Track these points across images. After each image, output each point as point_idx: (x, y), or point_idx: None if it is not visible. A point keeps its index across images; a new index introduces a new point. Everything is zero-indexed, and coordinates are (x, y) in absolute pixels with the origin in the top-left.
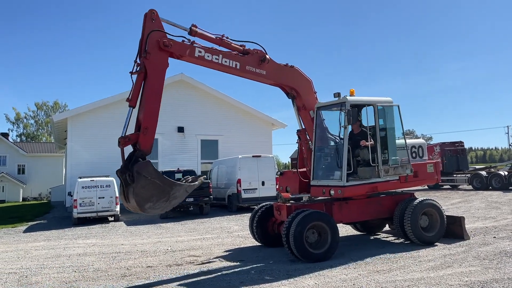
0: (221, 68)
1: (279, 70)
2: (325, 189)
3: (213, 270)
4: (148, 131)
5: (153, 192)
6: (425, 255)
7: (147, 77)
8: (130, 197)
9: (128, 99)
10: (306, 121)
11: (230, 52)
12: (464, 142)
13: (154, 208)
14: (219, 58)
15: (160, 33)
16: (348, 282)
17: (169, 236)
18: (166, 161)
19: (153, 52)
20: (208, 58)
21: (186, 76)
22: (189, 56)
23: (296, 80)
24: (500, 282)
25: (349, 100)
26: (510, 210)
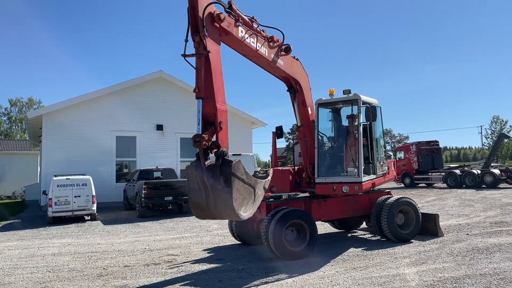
0: (253, 54)
1: (291, 61)
2: (336, 186)
3: (191, 269)
4: (223, 125)
5: (245, 194)
6: (400, 252)
7: (211, 60)
8: (221, 204)
9: (196, 90)
10: (305, 118)
11: (261, 37)
12: (439, 142)
13: (246, 211)
14: (255, 42)
15: (211, 5)
16: (325, 279)
17: (147, 235)
18: (145, 160)
19: (209, 28)
20: (247, 41)
21: (165, 73)
22: (235, 34)
23: (301, 74)
24: (473, 278)
25: (362, 98)
26: (482, 207)
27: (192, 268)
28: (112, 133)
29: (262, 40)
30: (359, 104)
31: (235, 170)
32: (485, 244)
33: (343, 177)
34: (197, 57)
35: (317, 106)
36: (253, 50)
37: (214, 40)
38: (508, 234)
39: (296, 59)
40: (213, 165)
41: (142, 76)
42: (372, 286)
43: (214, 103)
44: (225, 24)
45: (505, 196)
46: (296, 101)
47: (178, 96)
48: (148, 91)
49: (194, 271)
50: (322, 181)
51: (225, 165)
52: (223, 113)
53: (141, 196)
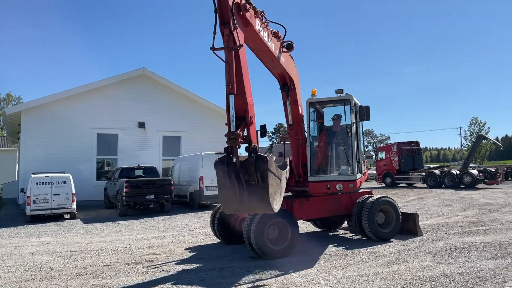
0: (263, 48)
1: (288, 59)
2: (330, 184)
3: (172, 268)
4: (253, 120)
5: (276, 188)
6: (381, 251)
7: (240, 53)
8: (257, 199)
9: (229, 86)
10: (296, 117)
11: (270, 31)
12: (420, 142)
13: (277, 204)
14: (266, 36)
15: None
16: (307, 278)
17: (128, 234)
18: (126, 158)
19: (237, 19)
20: (261, 34)
21: (148, 70)
22: (254, 26)
23: (295, 72)
24: (450, 277)
25: (353, 98)
26: (461, 207)
27: (173, 267)
28: (93, 131)
29: (271, 34)
30: (352, 104)
31: (270, 166)
32: (462, 243)
33: (337, 176)
34: (228, 51)
35: (308, 105)
36: (264, 44)
37: (241, 31)
38: (485, 233)
39: (291, 57)
40: (246, 161)
41: (125, 73)
42: (352, 284)
43: (244, 98)
44: (249, 14)
45: (483, 196)
46: (289, 100)
47: (161, 94)
48: (130, 88)
49: (175, 270)
50: (315, 180)
51: (260, 161)
52: (253, 108)
53: (122, 194)
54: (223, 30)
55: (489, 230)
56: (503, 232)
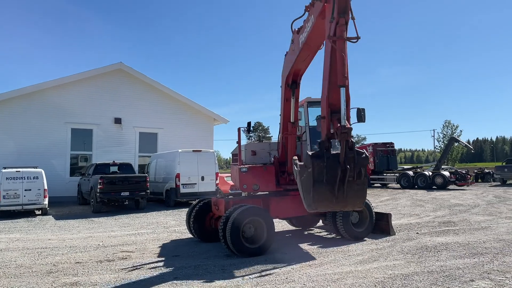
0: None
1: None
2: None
3: (146, 266)
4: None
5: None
6: (354, 250)
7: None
8: (353, 195)
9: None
10: (296, 114)
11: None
12: (395, 143)
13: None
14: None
15: None
16: (281, 275)
17: (101, 231)
18: (101, 153)
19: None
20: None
21: (126, 65)
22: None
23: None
24: (421, 275)
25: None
26: (432, 208)
27: (147, 265)
28: (67, 125)
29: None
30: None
31: (366, 162)
32: (433, 242)
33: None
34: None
35: (306, 104)
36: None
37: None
38: (454, 233)
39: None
40: (348, 157)
41: (101, 67)
42: (326, 282)
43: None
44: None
45: (454, 197)
46: (293, 97)
47: (138, 90)
48: (107, 83)
49: (149, 268)
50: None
51: (361, 157)
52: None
53: (96, 191)
54: (339, 19)
55: (458, 230)
56: (471, 233)
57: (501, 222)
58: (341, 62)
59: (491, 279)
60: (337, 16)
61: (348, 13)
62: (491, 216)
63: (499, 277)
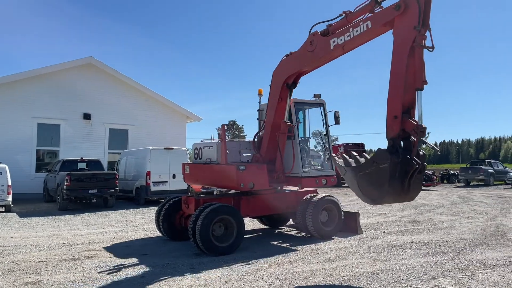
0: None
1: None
2: (317, 179)
3: (113, 265)
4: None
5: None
6: (322, 248)
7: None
8: (415, 188)
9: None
10: (286, 114)
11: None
12: (366, 144)
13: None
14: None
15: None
16: (249, 274)
17: (67, 229)
18: (68, 150)
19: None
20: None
21: (96, 60)
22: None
23: None
24: (385, 273)
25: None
26: (399, 207)
27: (113, 264)
28: (33, 120)
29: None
30: (325, 108)
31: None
32: (398, 241)
33: (322, 171)
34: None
35: (294, 105)
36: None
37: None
38: (419, 232)
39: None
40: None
41: (70, 61)
42: (293, 281)
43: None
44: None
45: (420, 197)
46: (290, 97)
47: (109, 85)
48: (76, 78)
49: (116, 267)
50: (307, 175)
51: (422, 155)
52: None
53: (62, 188)
54: (422, 29)
55: (423, 229)
56: (435, 232)
57: (463, 222)
58: (419, 68)
59: (452, 277)
60: (421, 26)
61: (428, 25)
62: (455, 216)
63: (459, 275)
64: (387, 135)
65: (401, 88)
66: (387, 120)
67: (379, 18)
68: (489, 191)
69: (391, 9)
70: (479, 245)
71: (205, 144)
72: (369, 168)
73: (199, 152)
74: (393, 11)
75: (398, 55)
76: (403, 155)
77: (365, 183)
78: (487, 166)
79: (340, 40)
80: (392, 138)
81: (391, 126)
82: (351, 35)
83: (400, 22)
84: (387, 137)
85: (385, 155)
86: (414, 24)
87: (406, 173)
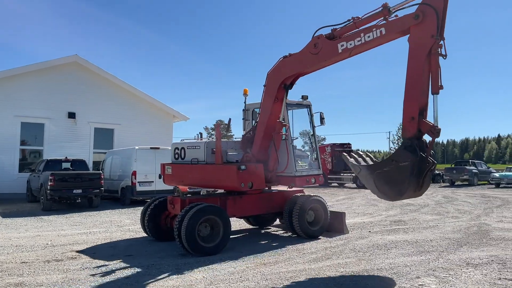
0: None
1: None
2: (308, 178)
3: (97, 266)
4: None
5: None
6: (308, 248)
7: (433, 62)
8: (426, 185)
9: (440, 87)
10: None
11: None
12: (352, 144)
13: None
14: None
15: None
16: (235, 274)
17: (51, 229)
18: (53, 149)
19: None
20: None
21: (81, 58)
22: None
23: None
24: (370, 272)
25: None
26: (385, 207)
27: (97, 265)
28: (16, 119)
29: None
30: (311, 109)
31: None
32: (384, 241)
33: (311, 170)
34: (438, 56)
35: (286, 105)
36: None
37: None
38: (404, 232)
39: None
40: (427, 152)
41: (55, 59)
42: (279, 281)
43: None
44: None
45: None
46: (286, 98)
47: (94, 84)
48: (60, 76)
49: (100, 268)
50: (300, 175)
51: (432, 153)
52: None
53: (46, 188)
54: (441, 37)
55: (408, 229)
56: (420, 231)
57: (447, 221)
58: (435, 74)
59: (436, 276)
60: (438, 32)
61: (443, 34)
62: (439, 215)
63: (443, 274)
64: (404, 135)
65: (419, 92)
66: (404, 122)
67: (395, 26)
68: (473, 191)
69: (409, 18)
70: (463, 244)
71: (190, 143)
72: (388, 166)
73: (180, 152)
74: (411, 20)
75: (415, 61)
76: (421, 154)
77: (382, 180)
78: (471, 166)
79: (350, 44)
80: (410, 138)
81: (408, 127)
82: (362, 40)
83: (417, 31)
84: (404, 137)
85: (406, 154)
86: (432, 33)
87: (422, 171)
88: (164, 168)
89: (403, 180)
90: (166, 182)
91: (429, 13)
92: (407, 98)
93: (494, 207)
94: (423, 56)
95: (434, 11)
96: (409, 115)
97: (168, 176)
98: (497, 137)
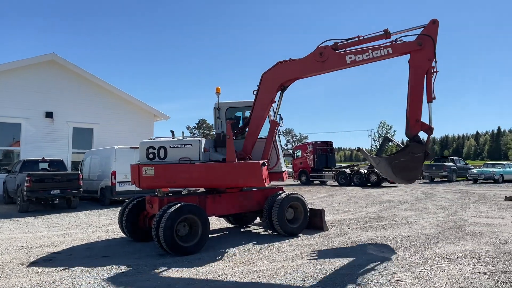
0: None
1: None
2: (286, 173)
3: (72, 267)
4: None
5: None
6: (288, 246)
7: (429, 78)
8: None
9: (434, 97)
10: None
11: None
12: (334, 142)
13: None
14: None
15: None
16: (213, 274)
17: (27, 231)
18: (30, 149)
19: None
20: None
21: (58, 57)
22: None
23: None
24: (348, 269)
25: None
26: (365, 204)
27: (73, 267)
28: None
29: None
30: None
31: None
32: (362, 237)
33: (286, 167)
34: (434, 73)
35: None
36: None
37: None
38: (383, 228)
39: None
40: (426, 146)
41: (31, 57)
42: (257, 279)
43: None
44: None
45: (385, 194)
46: (281, 99)
47: (72, 83)
48: (37, 74)
49: (76, 269)
50: (285, 169)
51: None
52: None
53: (23, 189)
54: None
55: (386, 225)
56: (398, 227)
57: (425, 217)
58: (429, 88)
59: (412, 271)
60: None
61: (435, 57)
62: (418, 211)
63: (419, 269)
64: (411, 133)
65: (420, 101)
66: (411, 123)
67: (400, 48)
68: (451, 187)
69: (414, 44)
70: (439, 239)
71: (174, 142)
72: (405, 157)
73: (157, 152)
74: (415, 45)
75: (416, 79)
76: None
77: (399, 168)
78: (450, 163)
79: (358, 57)
80: (415, 136)
81: (414, 127)
82: (370, 55)
83: (417, 55)
84: (411, 134)
85: (420, 147)
86: (429, 57)
87: (424, 159)
88: (140, 169)
89: (417, 167)
90: (143, 185)
91: (428, 42)
92: (413, 106)
93: (471, 203)
94: (423, 75)
95: (431, 40)
96: (415, 118)
97: (148, 179)
98: (475, 134)
